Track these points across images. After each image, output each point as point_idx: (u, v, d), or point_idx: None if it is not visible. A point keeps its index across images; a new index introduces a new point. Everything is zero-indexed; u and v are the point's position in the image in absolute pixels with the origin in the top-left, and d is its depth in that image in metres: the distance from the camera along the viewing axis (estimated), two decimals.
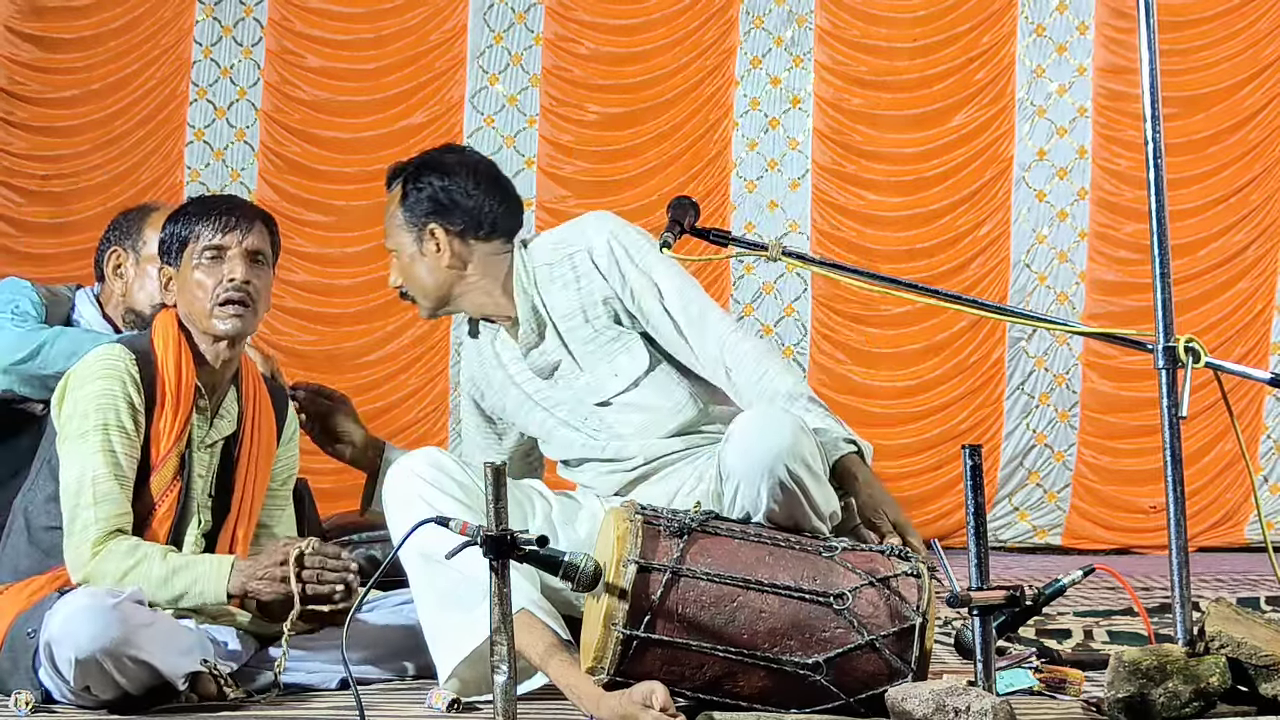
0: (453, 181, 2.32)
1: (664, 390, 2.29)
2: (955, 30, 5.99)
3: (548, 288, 2.32)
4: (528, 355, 2.36)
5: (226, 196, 2.37)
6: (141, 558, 2.11)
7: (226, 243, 2.22)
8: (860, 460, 2.14)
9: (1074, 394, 5.96)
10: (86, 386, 2.18)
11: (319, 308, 5.78)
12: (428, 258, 2.32)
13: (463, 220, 2.31)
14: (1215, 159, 5.94)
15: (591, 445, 2.33)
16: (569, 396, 2.34)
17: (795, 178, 6.02)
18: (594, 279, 2.30)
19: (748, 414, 2.06)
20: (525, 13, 5.97)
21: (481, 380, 2.45)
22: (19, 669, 2.07)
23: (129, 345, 2.24)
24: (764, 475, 1.96)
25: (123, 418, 2.16)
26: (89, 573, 2.12)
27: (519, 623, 1.93)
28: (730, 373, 2.24)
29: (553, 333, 2.33)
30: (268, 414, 2.36)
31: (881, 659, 1.87)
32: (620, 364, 2.30)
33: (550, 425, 2.37)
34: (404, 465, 2.17)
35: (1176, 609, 1.89)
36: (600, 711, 1.85)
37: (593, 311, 2.30)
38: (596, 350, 2.31)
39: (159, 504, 2.19)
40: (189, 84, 5.84)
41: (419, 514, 1.98)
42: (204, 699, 2.07)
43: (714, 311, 2.30)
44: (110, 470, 2.14)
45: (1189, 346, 1.89)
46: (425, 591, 2.11)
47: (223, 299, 2.20)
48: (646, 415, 2.29)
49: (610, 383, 2.30)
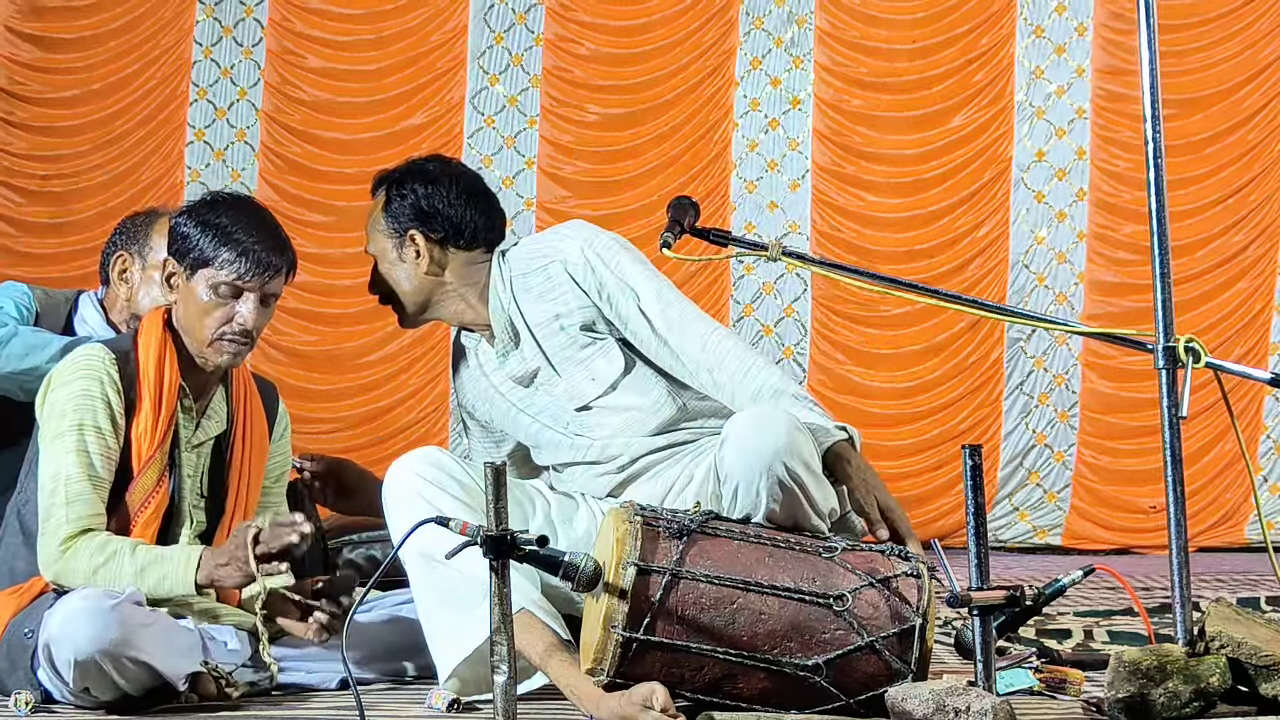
0: (436, 190, 2.35)
1: (642, 390, 2.30)
2: (954, 32, 5.99)
3: (523, 297, 2.34)
4: (505, 363, 2.38)
5: (261, 220, 2.23)
6: (111, 554, 2.10)
7: (248, 287, 2.18)
8: (850, 446, 2.14)
9: (1073, 394, 5.97)
10: (66, 387, 2.17)
11: (320, 308, 5.78)
12: (407, 264, 2.35)
13: (443, 228, 2.34)
14: (1214, 160, 5.94)
15: (577, 448, 2.34)
16: (549, 403, 2.36)
17: (795, 178, 6.03)
18: (569, 289, 2.31)
19: (743, 414, 2.06)
20: (526, 13, 5.97)
21: (471, 392, 2.47)
22: (17, 669, 2.07)
23: (110, 346, 2.22)
24: (763, 475, 1.96)
25: (99, 418, 2.15)
26: (59, 570, 2.11)
27: (519, 622, 1.93)
28: (713, 371, 2.24)
29: (529, 340, 2.35)
30: (258, 413, 2.35)
31: (881, 660, 1.87)
32: (597, 368, 2.31)
33: (536, 430, 2.38)
34: (404, 464, 2.18)
35: (1177, 609, 1.89)
36: (600, 712, 1.85)
37: (568, 320, 2.32)
38: (572, 356, 2.32)
39: (144, 508, 2.18)
40: (189, 84, 5.84)
41: (419, 513, 1.98)
42: (204, 699, 2.07)
43: (692, 312, 2.31)
44: (83, 471, 2.13)
45: (1189, 346, 1.89)
46: (425, 591, 2.11)
47: (228, 336, 2.19)
48: (626, 416, 2.30)
49: (588, 387, 2.32)
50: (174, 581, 2.11)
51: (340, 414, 5.67)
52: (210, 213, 2.22)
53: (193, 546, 2.16)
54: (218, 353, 2.20)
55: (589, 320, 2.31)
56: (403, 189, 2.35)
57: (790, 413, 2.07)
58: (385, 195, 2.37)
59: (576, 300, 2.31)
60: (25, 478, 2.25)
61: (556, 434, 2.36)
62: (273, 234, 2.22)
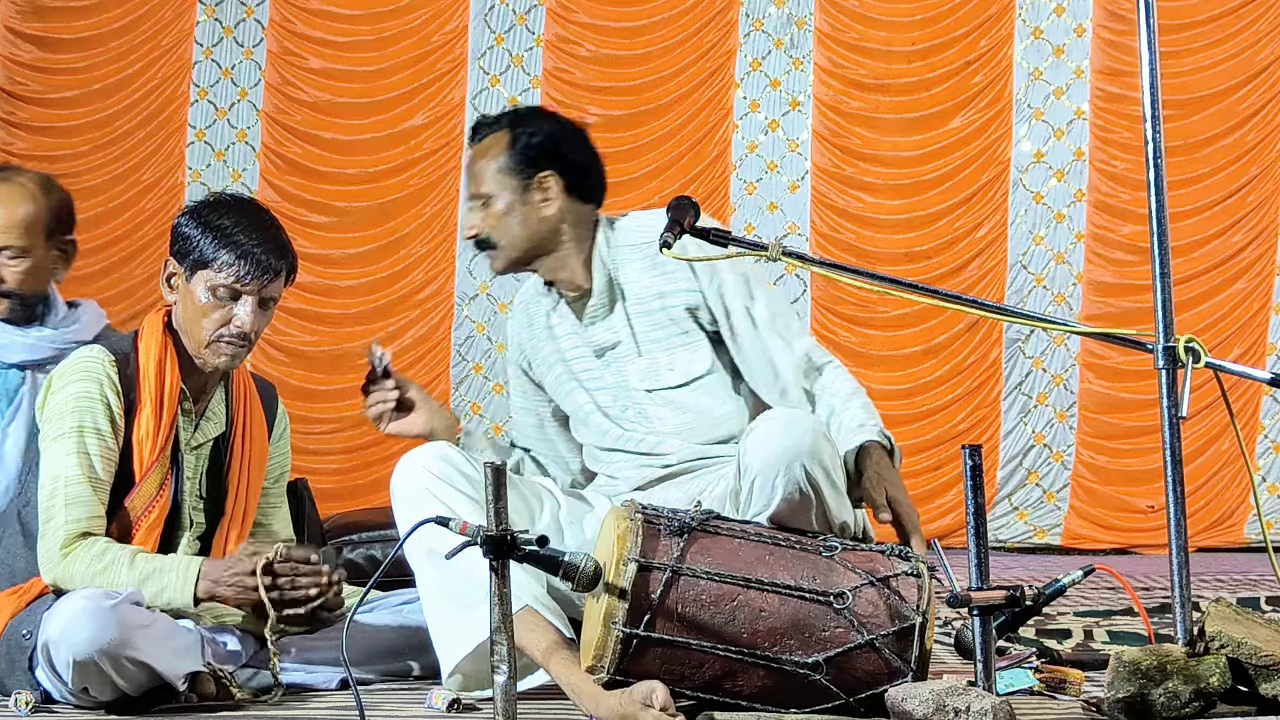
0: (564, 133, 2.28)
1: (716, 398, 2.27)
2: (954, 33, 6.00)
3: (627, 266, 2.29)
4: (588, 329, 2.32)
5: (262, 223, 2.20)
6: (110, 563, 2.10)
7: (246, 290, 2.16)
8: (883, 449, 2.14)
9: (1072, 394, 5.98)
10: (65, 390, 2.17)
11: (321, 308, 5.78)
12: (529, 207, 2.25)
13: (573, 173, 2.27)
14: (1212, 160, 5.95)
15: (625, 437, 2.31)
16: (615, 381, 2.31)
17: (795, 180, 6.03)
18: (680, 269, 2.26)
19: (773, 412, 2.05)
20: (526, 14, 5.98)
21: (530, 349, 2.41)
22: (15, 670, 2.07)
23: (109, 347, 2.21)
24: (781, 472, 1.96)
25: (99, 420, 2.15)
26: (58, 575, 2.12)
27: (522, 620, 1.93)
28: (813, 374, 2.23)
29: (621, 311, 2.29)
30: (258, 413, 2.35)
31: (881, 658, 1.87)
32: (679, 359, 2.28)
33: (588, 410, 2.33)
34: (411, 460, 2.17)
35: (1176, 609, 1.89)
36: (600, 711, 1.86)
37: (671, 300, 2.27)
38: (660, 339, 2.28)
39: (146, 514, 2.17)
40: (190, 84, 5.84)
41: (426, 508, 1.98)
42: (203, 699, 2.07)
43: (797, 320, 2.32)
44: (83, 473, 2.13)
45: (1189, 346, 1.89)
46: (430, 587, 2.11)
47: (225, 338, 2.18)
48: (689, 417, 2.27)
49: (665, 374, 2.28)
50: (172, 594, 2.10)
51: (342, 414, 5.67)
52: (212, 214, 2.20)
53: (191, 559, 2.15)
54: (215, 354, 2.19)
55: (693, 305, 2.27)
56: (531, 128, 2.26)
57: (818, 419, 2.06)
58: (509, 135, 2.27)
59: (686, 283, 2.27)
60: (26, 479, 2.25)
61: (606, 418, 2.31)
62: (273, 236, 2.20)
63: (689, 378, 2.27)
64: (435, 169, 5.90)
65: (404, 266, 5.82)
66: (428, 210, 5.87)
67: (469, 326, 5.89)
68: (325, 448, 5.66)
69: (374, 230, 5.82)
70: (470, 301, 5.89)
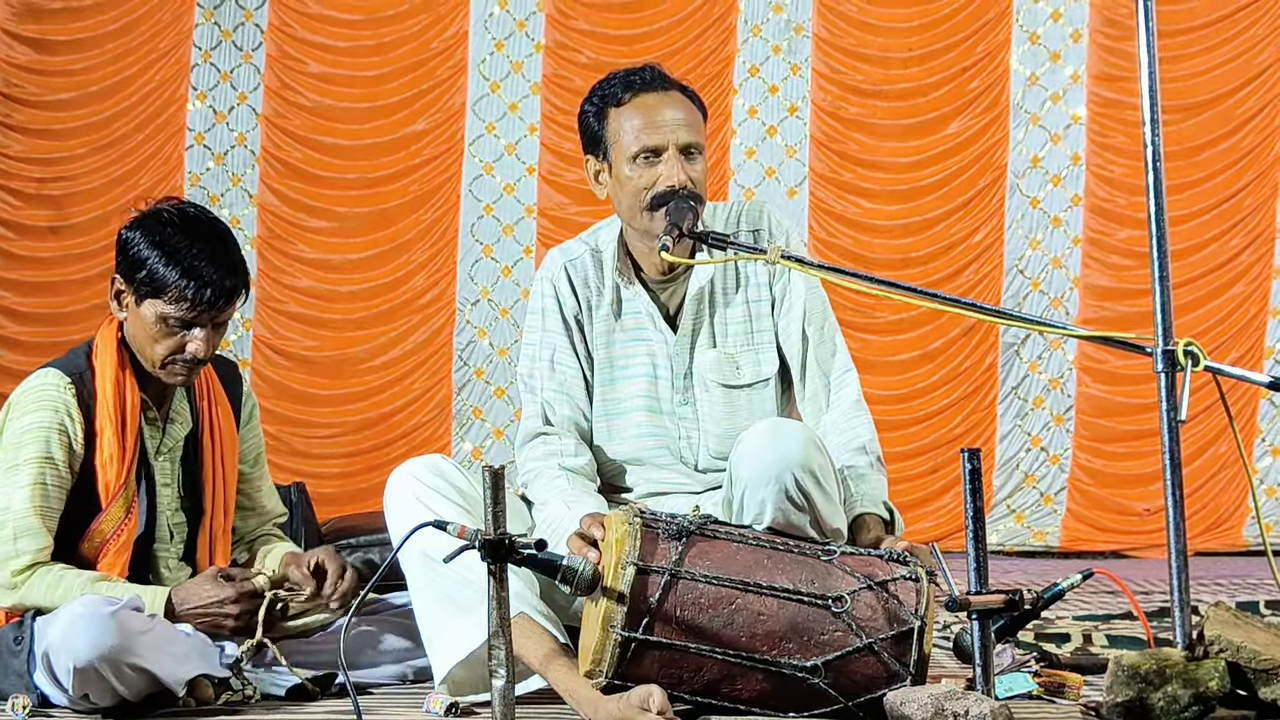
0: None
1: (761, 411, 2.27)
2: (951, 39, 6.01)
3: (718, 253, 2.26)
4: (680, 311, 2.28)
5: (214, 248, 2.12)
6: (65, 591, 2.09)
7: (198, 321, 2.13)
8: (881, 524, 2.13)
9: (1068, 398, 5.98)
10: (23, 418, 2.15)
11: (322, 313, 5.77)
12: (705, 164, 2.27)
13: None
14: (1208, 165, 5.96)
15: (660, 434, 2.28)
16: (680, 363, 2.27)
17: (793, 185, 6.04)
18: (766, 270, 2.27)
19: (763, 422, 2.05)
20: (526, 21, 5.98)
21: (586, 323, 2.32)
22: (9, 674, 2.08)
23: (65, 370, 2.18)
24: (771, 482, 1.96)
25: (53, 449, 2.13)
26: (14, 603, 2.13)
27: (518, 627, 1.93)
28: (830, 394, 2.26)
29: (706, 298, 2.29)
30: (223, 403, 2.33)
31: (880, 662, 1.87)
32: (747, 359, 2.28)
33: (629, 406, 2.29)
34: (404, 469, 2.18)
35: (1175, 613, 1.89)
36: (598, 716, 1.86)
37: (754, 294, 2.28)
38: (740, 335, 2.29)
39: (115, 537, 2.16)
40: (188, 87, 5.84)
41: (417, 517, 1.98)
42: (201, 704, 2.07)
43: (843, 340, 2.35)
44: (32, 506, 2.12)
45: (1188, 350, 1.89)
46: (424, 593, 2.11)
47: (180, 361, 2.16)
48: (739, 420, 2.24)
49: (731, 371, 2.28)
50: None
51: (343, 419, 5.66)
52: (161, 233, 2.13)
53: (158, 589, 2.14)
54: (169, 375, 2.18)
55: (771, 299, 2.29)
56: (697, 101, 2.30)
57: (809, 428, 2.06)
58: (684, 95, 2.31)
59: (768, 280, 2.28)
60: None
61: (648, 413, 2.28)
62: (225, 261, 2.13)
63: (753, 380, 2.28)
64: (435, 174, 5.89)
65: (405, 272, 5.82)
66: (428, 216, 5.87)
67: (470, 332, 5.88)
68: (327, 452, 5.65)
69: (374, 235, 5.81)
70: (472, 307, 5.89)
